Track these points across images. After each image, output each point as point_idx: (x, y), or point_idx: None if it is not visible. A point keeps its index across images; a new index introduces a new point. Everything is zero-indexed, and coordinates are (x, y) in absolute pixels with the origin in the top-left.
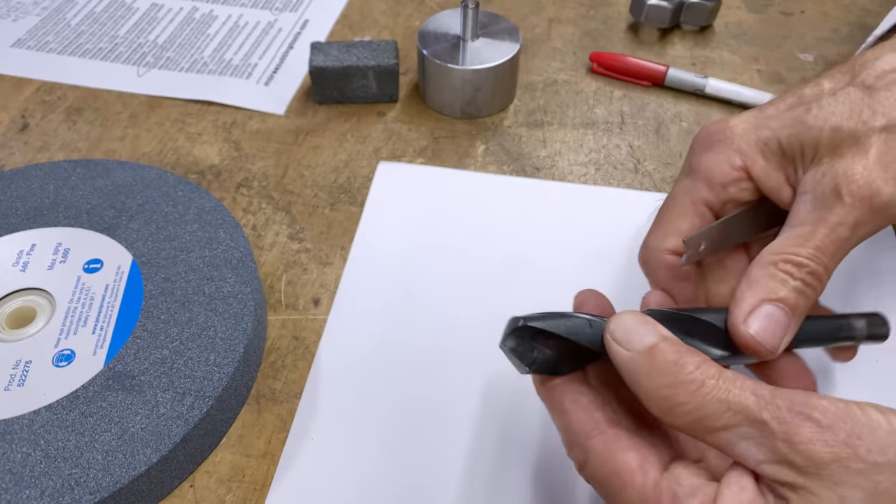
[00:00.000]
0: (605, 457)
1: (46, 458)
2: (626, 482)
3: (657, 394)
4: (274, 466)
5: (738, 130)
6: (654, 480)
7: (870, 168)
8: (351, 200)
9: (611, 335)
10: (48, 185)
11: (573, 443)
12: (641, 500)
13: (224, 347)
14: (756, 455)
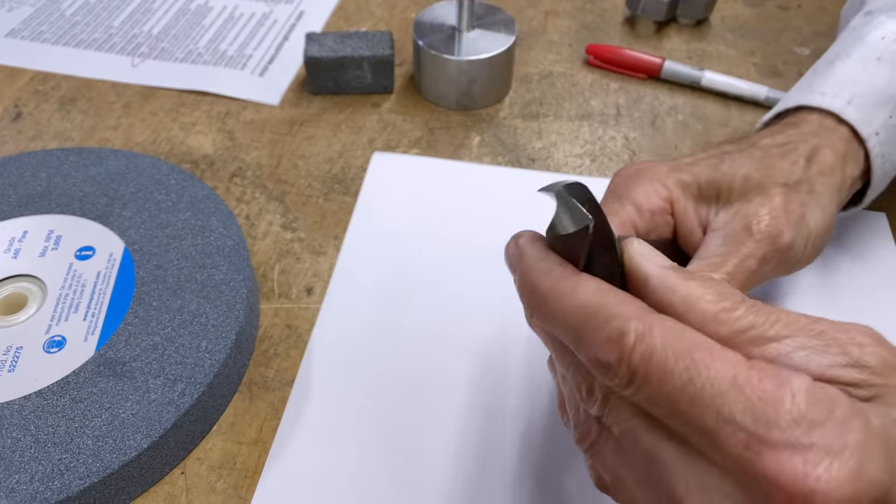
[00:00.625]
0: (679, 331)
1: (36, 443)
2: (713, 354)
3: (702, 299)
4: (265, 454)
5: (664, 170)
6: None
7: (775, 213)
8: (345, 191)
9: (634, 249)
10: (41, 173)
11: (632, 315)
12: (737, 373)
13: (215, 334)
14: (821, 361)
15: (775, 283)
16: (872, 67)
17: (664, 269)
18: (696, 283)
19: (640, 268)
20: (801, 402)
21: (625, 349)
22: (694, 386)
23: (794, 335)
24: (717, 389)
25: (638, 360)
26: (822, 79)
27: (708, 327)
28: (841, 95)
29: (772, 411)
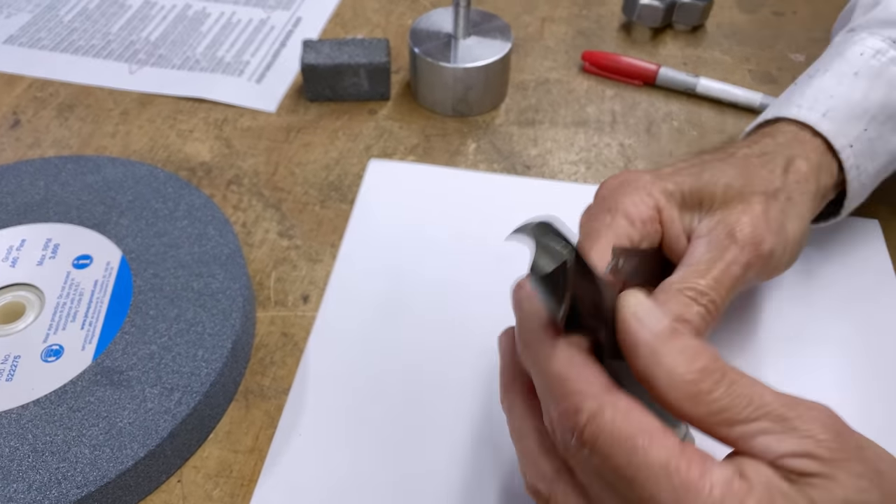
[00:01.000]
0: (629, 412)
1: (34, 452)
2: (652, 441)
3: (682, 378)
4: (261, 462)
5: (648, 179)
6: (680, 443)
7: (756, 221)
8: (341, 198)
9: (632, 311)
10: (38, 181)
11: (589, 394)
12: (671, 458)
13: (212, 343)
14: (777, 449)
15: (771, 293)
16: (849, 82)
17: (655, 339)
18: (683, 358)
19: (632, 333)
20: (717, 493)
21: (577, 424)
22: (632, 467)
23: (760, 419)
24: (651, 472)
25: (588, 436)
26: (801, 92)
27: (684, 407)
28: (816, 108)
29: (692, 498)
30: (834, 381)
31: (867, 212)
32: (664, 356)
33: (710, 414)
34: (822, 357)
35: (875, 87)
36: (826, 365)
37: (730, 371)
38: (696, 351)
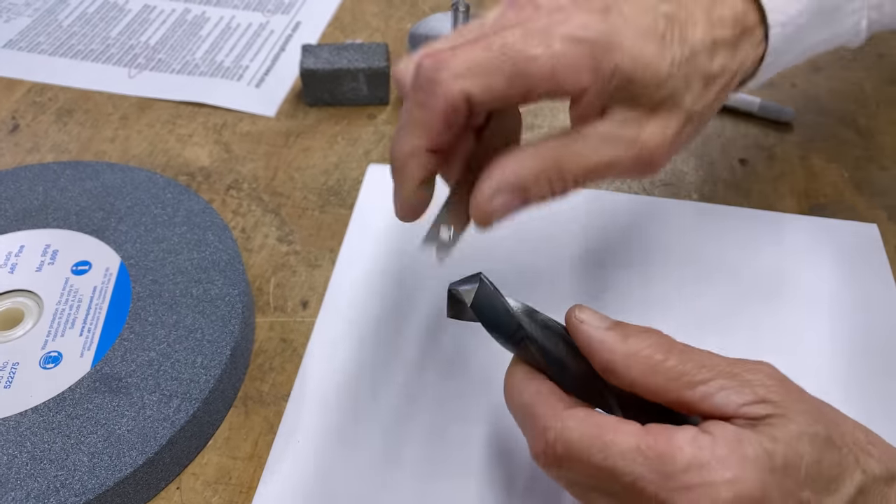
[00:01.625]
0: (587, 418)
1: (32, 459)
2: (616, 431)
3: (637, 356)
4: (261, 469)
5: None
6: (639, 426)
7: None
8: (341, 203)
9: (577, 318)
10: (37, 187)
11: (550, 416)
12: (638, 441)
13: (211, 350)
14: (736, 399)
15: (770, 297)
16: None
17: (604, 331)
18: (633, 339)
19: (583, 336)
20: (688, 451)
21: (548, 443)
22: (610, 460)
23: (716, 378)
24: (627, 458)
25: (561, 450)
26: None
27: (647, 379)
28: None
29: (669, 465)
30: (834, 385)
31: (866, 216)
32: (616, 343)
33: (669, 380)
34: (821, 360)
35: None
36: (825, 368)
37: (677, 343)
38: (643, 332)
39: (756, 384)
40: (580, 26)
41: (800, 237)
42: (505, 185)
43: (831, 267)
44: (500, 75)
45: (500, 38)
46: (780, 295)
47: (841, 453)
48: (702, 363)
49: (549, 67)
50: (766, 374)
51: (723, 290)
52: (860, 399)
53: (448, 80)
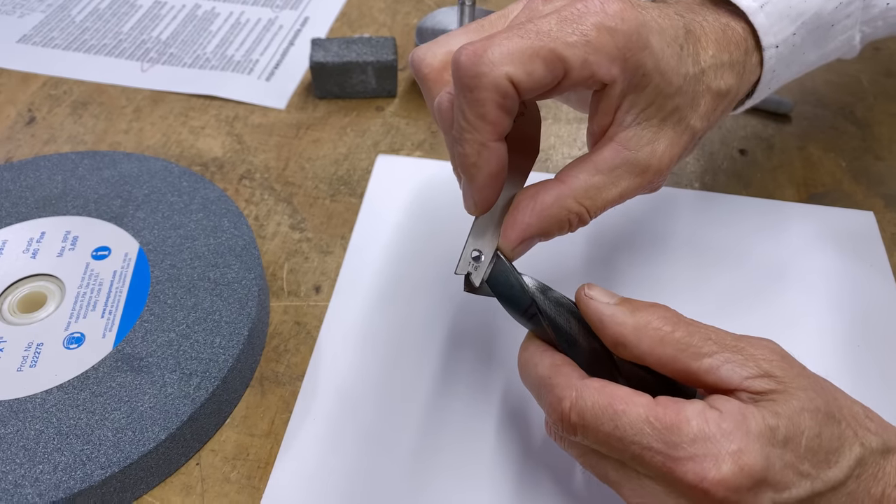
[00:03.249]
0: (601, 389)
1: (59, 434)
2: (627, 401)
3: (647, 327)
4: (277, 445)
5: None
6: (651, 398)
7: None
8: (351, 192)
9: (587, 295)
10: (56, 176)
11: (565, 385)
12: (647, 412)
13: (229, 331)
14: (741, 373)
15: (769, 283)
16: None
17: (613, 306)
18: (642, 313)
19: (594, 311)
20: (694, 424)
21: (564, 411)
22: (619, 429)
23: (722, 351)
24: (637, 428)
25: (575, 418)
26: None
27: (656, 350)
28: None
29: (675, 436)
30: (832, 369)
31: (863, 204)
32: (626, 316)
33: (678, 351)
34: (818, 345)
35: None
36: (823, 353)
37: (684, 317)
38: (650, 306)
39: (760, 359)
40: (616, 16)
41: (798, 225)
42: (530, 235)
43: (829, 254)
44: (539, 61)
45: (536, 26)
46: (778, 281)
47: (840, 427)
48: (708, 336)
49: (583, 56)
50: (769, 349)
51: (723, 276)
52: (857, 383)
53: (492, 68)
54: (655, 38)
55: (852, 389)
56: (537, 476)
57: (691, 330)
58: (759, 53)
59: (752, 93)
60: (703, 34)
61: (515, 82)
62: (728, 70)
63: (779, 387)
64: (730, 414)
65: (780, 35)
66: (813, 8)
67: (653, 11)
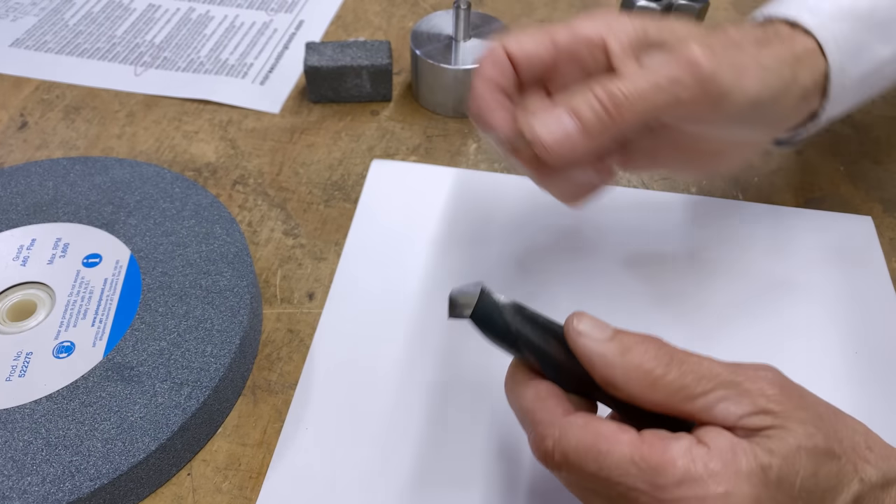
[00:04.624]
0: (585, 426)
1: (48, 445)
2: (612, 441)
3: (637, 371)
4: (269, 455)
5: (615, 14)
6: (637, 434)
7: (704, 49)
8: (345, 197)
9: (575, 329)
10: (47, 182)
11: (548, 422)
12: (633, 451)
13: (220, 339)
14: (736, 412)
15: (767, 287)
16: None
17: (603, 345)
18: (633, 353)
19: (583, 350)
20: (681, 465)
21: (547, 451)
22: (604, 470)
23: (716, 389)
24: (622, 469)
25: (559, 458)
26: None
27: (647, 394)
28: (804, 6)
29: (661, 478)
30: (829, 375)
31: (861, 209)
32: (616, 357)
33: (669, 395)
34: (816, 351)
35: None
36: (820, 358)
37: (677, 353)
38: (642, 342)
39: (756, 394)
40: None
41: (796, 230)
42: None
43: (827, 259)
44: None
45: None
46: (776, 287)
47: (839, 463)
48: (701, 374)
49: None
50: (767, 381)
51: (720, 282)
52: (855, 390)
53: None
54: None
55: (850, 396)
56: (534, 483)
57: (684, 370)
58: (815, 42)
59: (826, 95)
60: (769, 45)
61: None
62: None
63: (775, 422)
64: (719, 451)
65: (837, 31)
66: (866, 7)
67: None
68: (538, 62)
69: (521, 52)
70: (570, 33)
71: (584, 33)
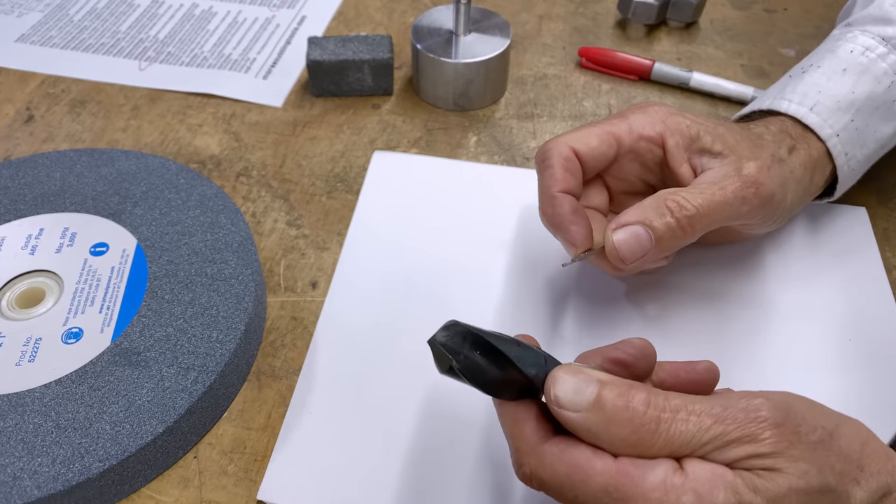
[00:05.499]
0: (560, 455)
1: (57, 428)
2: (587, 471)
3: (623, 443)
4: (274, 439)
5: (667, 111)
6: (613, 461)
7: (761, 166)
8: (347, 189)
9: (556, 403)
10: (55, 173)
11: (525, 451)
12: (607, 481)
13: (226, 325)
14: (726, 458)
15: (764, 278)
16: (837, 78)
17: (585, 416)
18: (616, 425)
19: (564, 419)
20: (653, 498)
21: (524, 476)
22: (580, 498)
23: (706, 444)
24: (597, 499)
25: (536, 484)
26: (793, 87)
27: (633, 454)
28: (805, 103)
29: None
30: (823, 365)
31: (856, 200)
32: (600, 429)
33: (657, 454)
34: (810, 340)
35: (861, 81)
36: (814, 348)
37: (664, 410)
38: (626, 413)
39: (747, 440)
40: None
41: (791, 220)
42: (625, 220)
43: (822, 249)
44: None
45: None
46: (771, 277)
47: (834, 495)
48: (690, 435)
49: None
50: (759, 422)
51: (713, 272)
52: (848, 379)
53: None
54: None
55: (843, 383)
56: None
57: (671, 434)
58: (822, 142)
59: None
60: (797, 153)
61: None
62: (783, 143)
63: (765, 464)
64: (696, 483)
65: (838, 124)
66: (863, 94)
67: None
68: (604, 160)
69: (589, 151)
70: (632, 132)
71: (646, 133)
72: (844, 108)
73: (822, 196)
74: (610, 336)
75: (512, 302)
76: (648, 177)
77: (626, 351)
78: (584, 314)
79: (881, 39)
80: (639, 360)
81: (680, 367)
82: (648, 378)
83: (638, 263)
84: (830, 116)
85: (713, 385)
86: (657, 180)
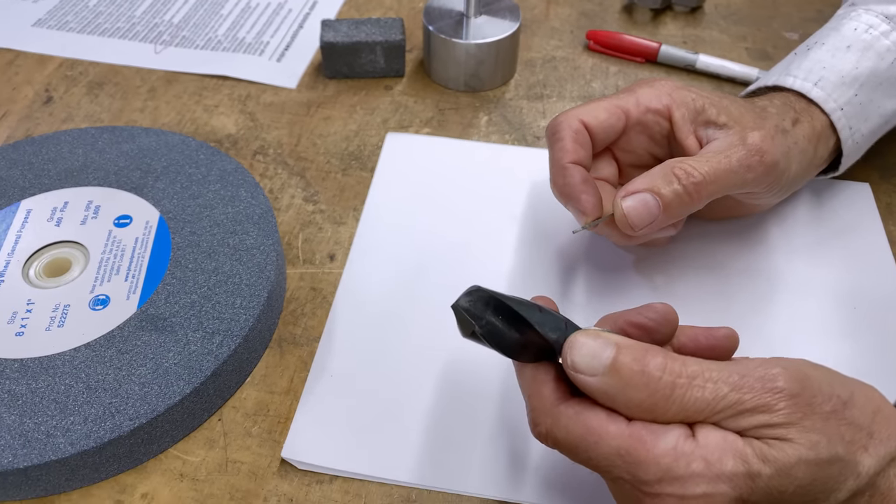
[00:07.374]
0: (575, 417)
1: (88, 388)
2: (601, 433)
3: (638, 407)
4: (296, 402)
5: (672, 85)
6: (626, 425)
7: (766, 136)
8: (362, 166)
9: (573, 367)
10: (77, 149)
11: (541, 411)
12: (620, 444)
13: (249, 293)
14: (739, 425)
15: (769, 254)
16: (841, 55)
17: (602, 380)
18: (632, 389)
19: (582, 384)
20: (664, 463)
21: (539, 435)
22: (594, 459)
23: (720, 411)
24: (609, 461)
25: (551, 443)
26: (798, 64)
27: (648, 418)
28: (809, 79)
29: (644, 473)
30: (827, 338)
31: (859, 176)
32: (616, 392)
33: (671, 419)
34: (815, 314)
35: (865, 57)
36: (819, 322)
37: (679, 376)
38: (642, 377)
39: (761, 409)
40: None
41: (796, 196)
42: (633, 188)
43: (826, 223)
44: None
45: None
46: (776, 249)
47: (840, 465)
48: (705, 402)
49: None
50: (775, 392)
51: (719, 248)
52: (854, 345)
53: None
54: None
55: (848, 349)
56: None
57: (686, 401)
58: (826, 116)
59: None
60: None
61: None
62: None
63: (777, 433)
64: (706, 450)
65: (842, 99)
66: (867, 70)
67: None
68: (612, 132)
69: (598, 123)
70: (639, 105)
71: (653, 106)
72: (848, 83)
73: (827, 171)
74: (619, 304)
75: (524, 270)
76: (656, 149)
77: (648, 315)
78: (593, 283)
79: (884, 17)
80: (661, 325)
81: (700, 332)
82: (669, 343)
83: (646, 230)
84: (834, 91)
85: (731, 352)
86: (665, 153)
